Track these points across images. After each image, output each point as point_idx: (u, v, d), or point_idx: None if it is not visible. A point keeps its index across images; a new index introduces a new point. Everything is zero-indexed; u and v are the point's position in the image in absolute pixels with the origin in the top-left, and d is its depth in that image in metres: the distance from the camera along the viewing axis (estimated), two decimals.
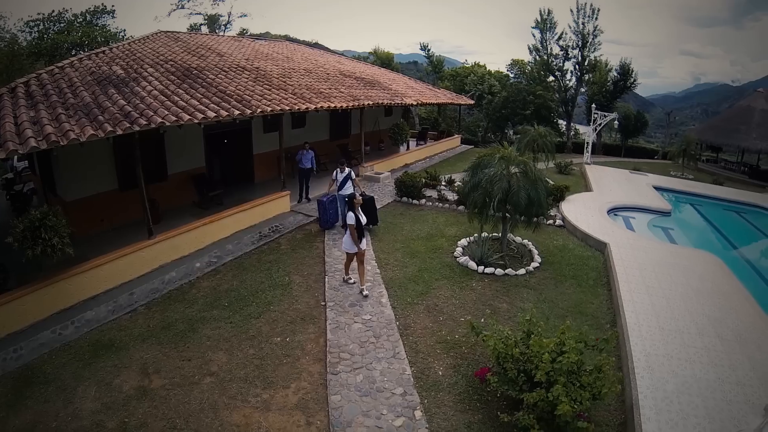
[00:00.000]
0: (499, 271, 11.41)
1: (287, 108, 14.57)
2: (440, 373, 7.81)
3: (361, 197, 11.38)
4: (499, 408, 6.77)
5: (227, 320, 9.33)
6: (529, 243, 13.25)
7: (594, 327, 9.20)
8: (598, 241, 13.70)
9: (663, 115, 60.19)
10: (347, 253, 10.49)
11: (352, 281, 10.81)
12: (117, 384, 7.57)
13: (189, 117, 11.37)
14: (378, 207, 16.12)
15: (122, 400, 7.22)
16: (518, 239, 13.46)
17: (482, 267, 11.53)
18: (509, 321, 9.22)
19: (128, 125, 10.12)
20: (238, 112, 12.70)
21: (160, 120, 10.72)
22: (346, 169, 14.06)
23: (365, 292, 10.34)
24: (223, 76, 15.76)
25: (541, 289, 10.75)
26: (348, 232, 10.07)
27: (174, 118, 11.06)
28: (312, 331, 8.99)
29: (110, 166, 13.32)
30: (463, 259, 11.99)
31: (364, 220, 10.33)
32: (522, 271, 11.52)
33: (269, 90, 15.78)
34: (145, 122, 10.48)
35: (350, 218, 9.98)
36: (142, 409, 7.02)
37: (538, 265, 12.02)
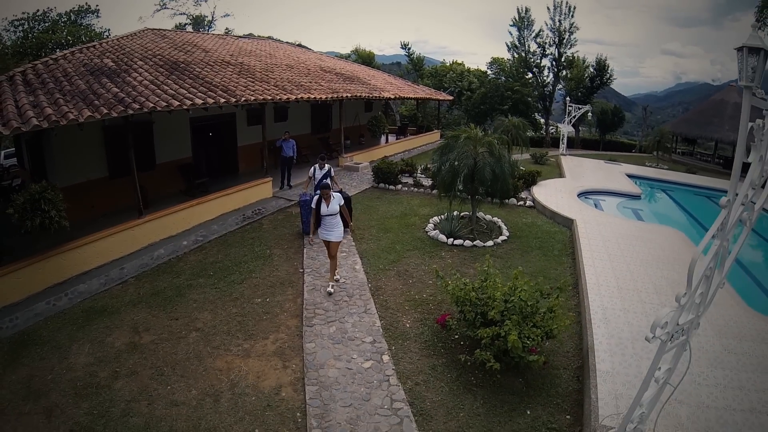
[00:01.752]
0: (467, 243, 12.13)
1: (269, 98, 15.25)
2: (408, 325, 8.51)
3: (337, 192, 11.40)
4: (461, 352, 7.41)
5: (212, 286, 9.98)
6: (499, 220, 13.98)
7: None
8: (565, 218, 14.44)
9: (644, 113, 61.44)
10: (324, 242, 9.81)
11: (331, 289, 9.74)
12: (109, 341, 8.16)
13: (178, 103, 12.02)
14: (355, 192, 16.83)
15: (114, 354, 7.81)
16: (488, 217, 14.17)
17: (452, 239, 12.26)
18: None
19: (123, 109, 10.78)
20: (224, 100, 13.38)
21: (151, 105, 11.38)
22: (326, 166, 12.90)
23: (330, 290, 9.73)
24: (208, 70, 16.40)
25: (508, 257, 11.47)
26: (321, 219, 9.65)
27: (164, 104, 11.73)
28: (290, 293, 9.68)
29: (101, 154, 13.86)
30: (433, 233, 12.73)
31: (329, 210, 9.51)
32: (490, 243, 12.24)
33: (253, 82, 16.44)
34: (138, 107, 11.13)
35: (314, 201, 9.72)
36: (133, 360, 7.63)
37: (506, 238, 12.76)
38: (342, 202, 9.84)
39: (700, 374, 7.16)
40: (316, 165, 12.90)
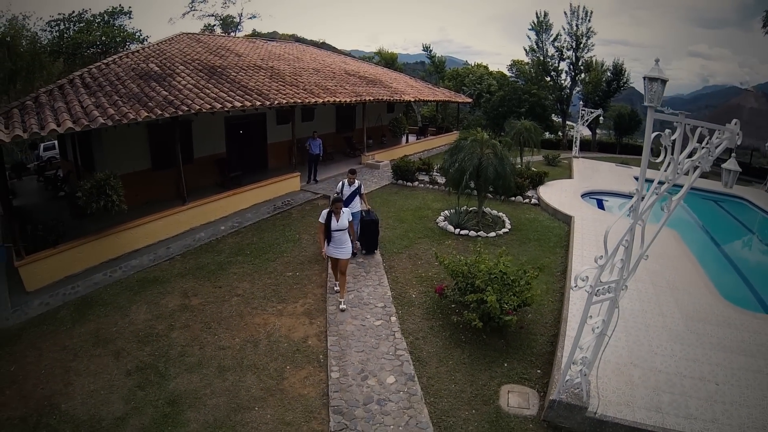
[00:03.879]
0: (472, 233, 13.61)
1: (299, 101, 16.88)
2: (413, 296, 10.11)
3: (364, 214, 11.85)
4: (454, 315, 8.88)
5: (249, 263, 11.66)
6: (503, 215, 15.39)
7: (546, 274, 11.26)
8: (565, 215, 15.65)
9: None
10: (332, 259, 9.71)
11: (343, 305, 9.56)
12: (163, 303, 9.86)
13: (220, 106, 13.70)
14: (376, 188, 18.35)
15: (168, 312, 9.50)
16: (494, 212, 15.58)
17: (458, 230, 13.75)
18: None
19: (174, 110, 12.52)
20: (259, 103, 15.06)
21: (197, 107, 13.07)
22: (356, 182, 11.89)
23: (342, 306, 9.53)
24: (243, 74, 18.04)
25: (507, 247, 12.75)
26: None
27: (209, 106, 13.40)
28: (317, 269, 11.30)
29: (145, 148, 15.52)
30: (443, 224, 14.25)
31: (339, 225, 9.29)
32: (492, 234, 13.68)
33: (283, 86, 18.05)
34: (186, 109, 12.84)
35: (321, 216, 9.39)
36: (185, 317, 9.31)
37: (508, 230, 14.18)
38: (351, 217, 9.69)
39: (658, 346, 8.36)
40: (345, 180, 11.92)
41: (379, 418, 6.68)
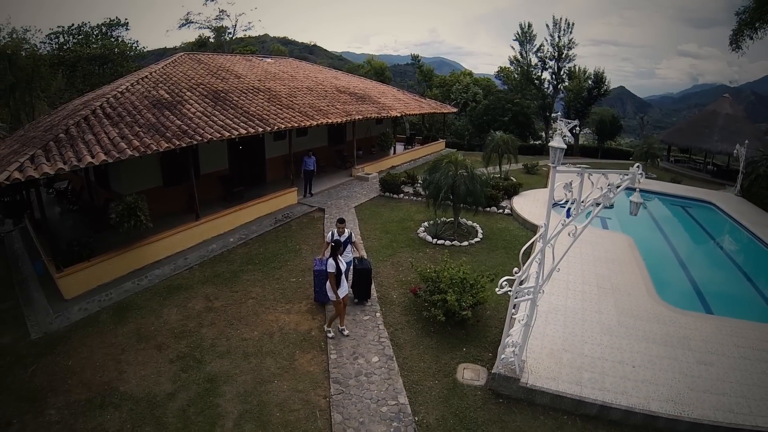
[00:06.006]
0: (447, 243, 15.80)
1: (296, 125, 18.90)
2: (394, 296, 12.38)
3: (357, 262, 11.90)
4: (424, 311, 10.97)
5: (259, 271, 13.82)
6: (477, 225, 17.49)
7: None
8: (533, 224, 17.58)
9: (660, 116, 63.23)
10: (333, 302, 10.48)
11: (331, 335, 10.56)
12: (190, 306, 11.97)
13: (228, 134, 15.61)
14: (365, 200, 20.45)
15: (196, 313, 11.63)
16: (469, 223, 17.71)
17: (436, 239, 15.95)
18: None
19: (189, 140, 14.33)
20: (261, 129, 17.04)
21: (209, 137, 14.92)
22: (346, 231, 11.79)
23: (346, 332, 10.73)
24: (244, 98, 19.88)
25: (476, 254, 15.03)
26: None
27: (218, 135, 15.27)
28: None
29: (157, 167, 17.15)
30: (422, 234, 16.43)
31: (344, 267, 10.35)
32: (465, 243, 15.85)
33: (281, 109, 19.92)
34: (200, 138, 14.65)
35: (330, 266, 10.03)
36: (210, 316, 11.46)
37: (480, 239, 16.32)
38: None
39: (590, 337, 10.33)
40: (334, 229, 11.76)
41: (366, 385, 9.05)
